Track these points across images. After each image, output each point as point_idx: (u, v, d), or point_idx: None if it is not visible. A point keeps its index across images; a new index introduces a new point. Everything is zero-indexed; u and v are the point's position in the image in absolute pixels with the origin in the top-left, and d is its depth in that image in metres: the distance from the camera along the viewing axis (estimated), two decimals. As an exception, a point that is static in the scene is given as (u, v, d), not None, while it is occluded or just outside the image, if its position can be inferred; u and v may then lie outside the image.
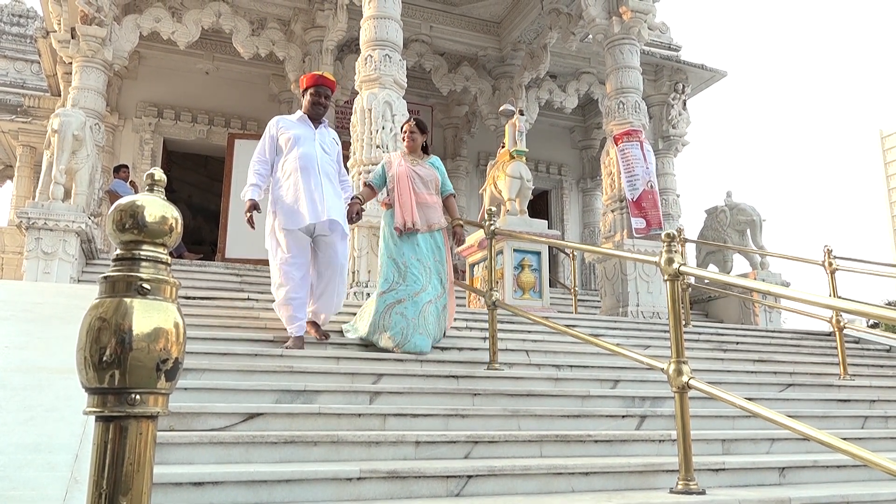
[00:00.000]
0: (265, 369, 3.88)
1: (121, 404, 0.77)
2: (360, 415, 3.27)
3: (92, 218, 7.77)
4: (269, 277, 8.80)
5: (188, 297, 5.67)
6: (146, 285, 0.69)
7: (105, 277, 0.72)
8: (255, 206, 4.46)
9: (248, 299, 6.03)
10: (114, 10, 9.26)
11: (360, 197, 4.91)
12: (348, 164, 7.84)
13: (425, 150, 5.13)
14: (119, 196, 9.45)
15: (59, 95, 12.12)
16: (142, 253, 0.70)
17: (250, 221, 4.47)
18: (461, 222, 5.07)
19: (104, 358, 0.71)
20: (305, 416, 3.21)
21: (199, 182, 15.67)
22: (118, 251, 0.72)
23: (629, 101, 8.73)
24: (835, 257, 6.31)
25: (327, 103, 4.72)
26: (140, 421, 0.75)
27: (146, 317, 0.68)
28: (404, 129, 5.08)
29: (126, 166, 10.25)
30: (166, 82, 12.08)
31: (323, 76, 4.74)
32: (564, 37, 10.82)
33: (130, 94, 11.96)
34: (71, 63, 9.36)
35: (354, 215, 4.72)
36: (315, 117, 4.69)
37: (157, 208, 0.71)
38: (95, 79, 9.01)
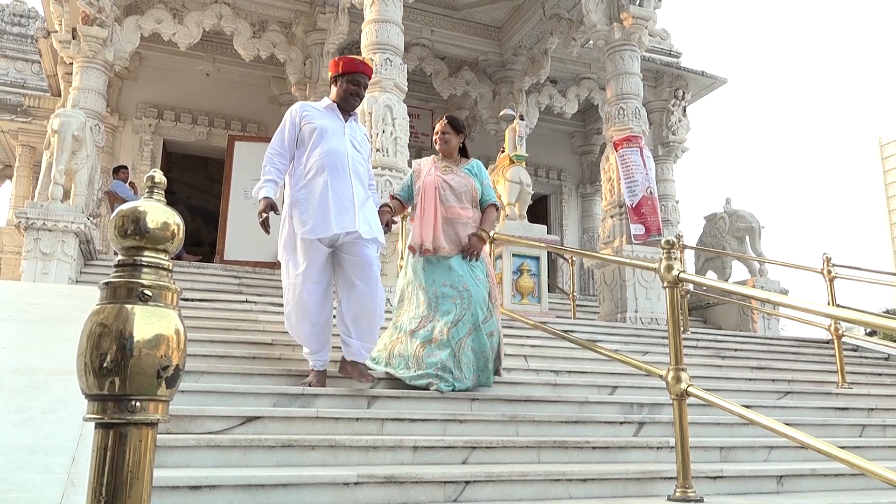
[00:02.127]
0: (263, 372, 3.87)
1: (121, 411, 0.76)
2: (357, 419, 3.27)
3: (91, 219, 7.76)
4: (268, 280, 8.88)
5: (186, 299, 5.67)
6: (147, 292, 0.69)
7: (106, 283, 0.72)
8: (271, 206, 3.65)
9: (247, 301, 6.04)
10: (115, 10, 9.27)
11: (390, 206, 4.15)
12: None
13: (463, 153, 4.29)
14: (118, 197, 9.51)
15: (60, 95, 12.12)
16: (143, 259, 0.70)
17: (265, 224, 3.67)
18: (484, 234, 4.09)
19: (105, 364, 0.70)
20: (303, 420, 3.20)
21: (199, 183, 15.66)
22: (120, 257, 0.71)
23: (629, 107, 8.74)
24: (834, 265, 6.32)
25: (364, 94, 3.97)
26: (140, 428, 0.75)
27: (147, 323, 0.68)
28: (436, 129, 4.25)
29: (125, 167, 10.24)
30: (167, 83, 12.08)
31: (363, 62, 3.94)
32: (565, 42, 10.84)
33: (131, 94, 11.96)
34: (71, 63, 9.37)
35: (383, 226, 3.93)
36: (348, 109, 3.89)
37: (160, 214, 0.71)
38: (96, 79, 9.01)
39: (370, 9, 7.63)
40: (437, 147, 4.21)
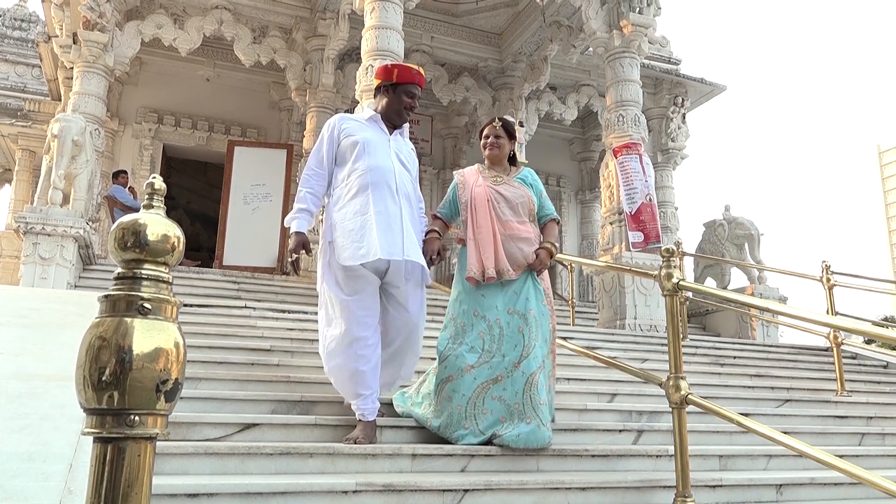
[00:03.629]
0: (261, 379, 3.87)
1: (119, 425, 0.76)
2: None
3: (90, 223, 7.76)
4: (267, 286, 8.87)
5: (185, 305, 5.66)
6: (147, 305, 0.69)
7: (106, 296, 0.72)
8: (303, 244, 3.21)
9: (245, 307, 6.03)
10: (116, 16, 9.28)
11: (437, 231, 3.57)
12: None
13: (512, 161, 3.71)
14: (118, 202, 9.52)
15: (60, 100, 12.14)
16: (143, 272, 0.70)
17: (295, 265, 3.23)
18: (553, 248, 3.50)
19: (104, 378, 0.70)
20: (301, 428, 3.20)
21: (198, 188, 15.67)
22: (120, 270, 0.71)
23: (629, 114, 8.75)
24: (833, 272, 6.32)
25: (416, 106, 3.50)
26: (138, 442, 0.75)
27: (147, 337, 0.68)
28: (486, 132, 3.66)
29: (125, 172, 10.25)
30: (167, 88, 12.10)
31: (420, 72, 3.48)
32: (565, 49, 10.86)
33: (131, 99, 11.97)
34: (72, 68, 9.37)
35: (434, 255, 3.41)
36: (397, 123, 3.46)
37: (160, 227, 0.71)
38: (96, 84, 9.02)
39: (370, 15, 7.64)
40: (487, 153, 3.62)
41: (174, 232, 0.71)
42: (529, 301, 3.31)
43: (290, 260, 3.18)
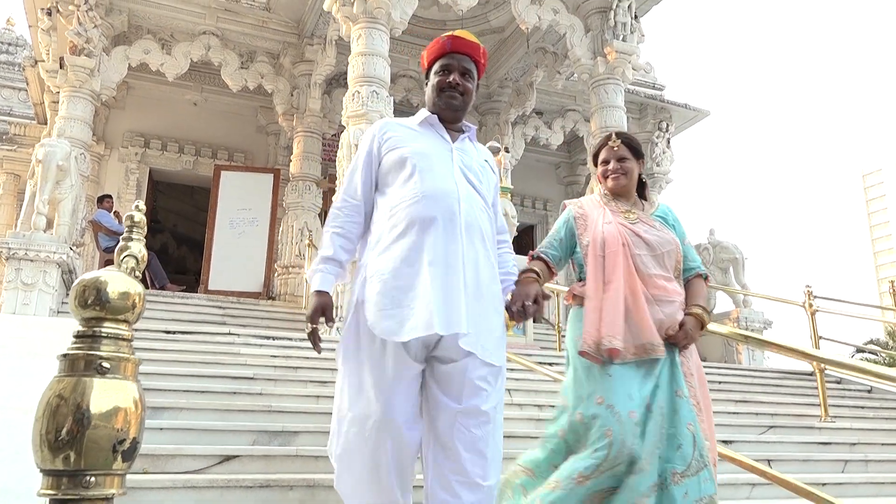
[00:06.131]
0: (243, 408, 3.84)
1: (75, 486, 0.74)
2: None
3: (74, 248, 7.71)
4: (252, 310, 8.84)
5: (168, 332, 5.63)
6: (106, 364, 0.69)
7: (65, 355, 0.71)
8: (324, 309, 2.12)
9: (230, 334, 5.99)
10: (103, 41, 9.31)
11: (537, 272, 2.46)
12: (333, 200, 7.83)
13: (641, 191, 2.68)
14: (102, 226, 9.47)
15: (46, 124, 12.11)
16: (103, 330, 0.70)
17: (313, 338, 2.12)
18: (702, 312, 2.42)
19: (60, 437, 0.69)
20: (282, 459, 3.18)
21: (185, 211, 15.64)
22: (79, 328, 0.71)
23: (613, 140, 8.84)
24: (815, 297, 6.37)
25: (469, 88, 2.37)
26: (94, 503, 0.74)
27: (105, 396, 0.68)
28: (602, 156, 2.64)
29: (110, 196, 10.21)
30: (154, 112, 12.10)
31: (455, 36, 2.36)
32: (550, 75, 10.99)
33: (117, 123, 11.96)
34: (58, 92, 9.37)
35: (530, 303, 2.22)
36: (450, 119, 2.37)
37: (121, 284, 0.71)
38: (82, 109, 9.01)
39: (357, 42, 7.70)
40: (609, 185, 2.59)
41: (135, 289, 0.72)
42: (677, 382, 2.31)
43: (307, 331, 2.13)
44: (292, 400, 4.15)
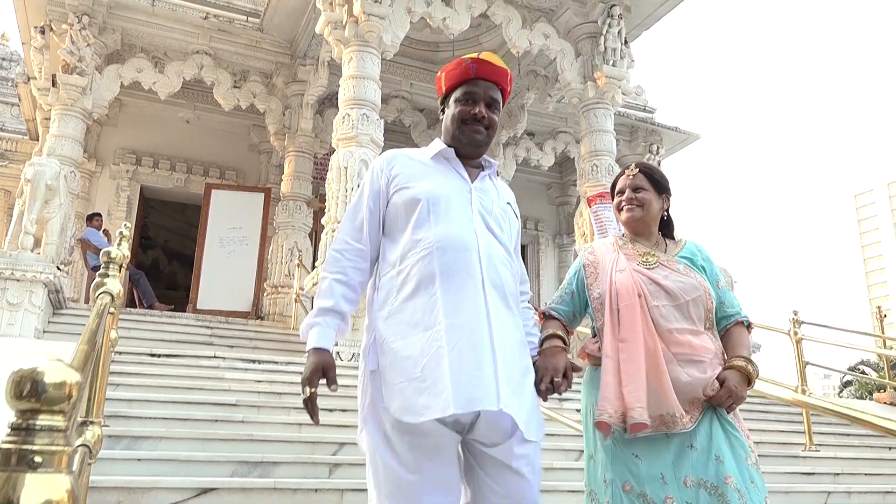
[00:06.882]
0: (224, 437, 3.82)
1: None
2: (316, 490, 3.22)
3: (61, 267, 7.69)
4: (240, 331, 8.79)
5: (152, 355, 5.61)
6: (38, 458, 0.69)
7: (-2, 449, 0.72)
8: (324, 370, 1.77)
9: (215, 357, 5.98)
10: (95, 59, 9.33)
11: (562, 338, 2.13)
12: (322, 221, 7.84)
13: (665, 228, 2.33)
14: (91, 245, 9.44)
15: (38, 140, 12.11)
16: (37, 423, 0.70)
17: (311, 407, 1.75)
18: (746, 365, 2.02)
19: (-8, 534, 0.69)
20: (260, 491, 3.16)
21: (177, 227, 15.63)
22: (14, 419, 0.72)
23: (602, 164, 8.90)
24: (801, 323, 6.38)
25: (495, 121, 2.06)
26: None
27: (36, 492, 0.68)
28: (618, 185, 2.32)
29: (99, 215, 10.21)
30: (146, 130, 12.12)
31: (481, 60, 2.07)
32: (541, 98, 11.07)
33: (109, 140, 11.97)
34: (50, 109, 9.38)
35: (560, 378, 1.90)
36: (471, 155, 2.05)
37: (57, 374, 0.71)
38: (74, 127, 9.02)
39: (349, 65, 7.75)
40: (623, 218, 2.28)
41: (73, 379, 0.72)
42: (724, 462, 1.89)
43: (303, 397, 1.75)
44: (274, 428, 4.13)
